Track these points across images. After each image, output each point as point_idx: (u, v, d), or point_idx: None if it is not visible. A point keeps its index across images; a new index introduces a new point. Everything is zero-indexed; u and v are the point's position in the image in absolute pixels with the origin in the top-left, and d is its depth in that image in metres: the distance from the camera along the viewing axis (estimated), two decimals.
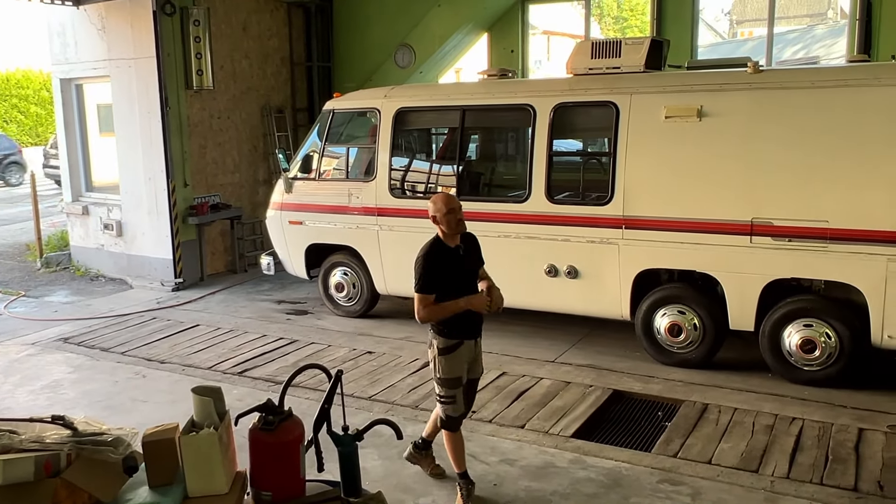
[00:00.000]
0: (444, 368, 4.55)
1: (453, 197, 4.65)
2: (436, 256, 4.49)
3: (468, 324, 4.59)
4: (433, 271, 4.46)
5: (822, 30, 12.50)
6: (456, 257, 4.55)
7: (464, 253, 4.61)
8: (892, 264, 5.99)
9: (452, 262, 4.53)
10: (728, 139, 6.58)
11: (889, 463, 5.08)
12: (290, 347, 7.85)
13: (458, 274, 4.56)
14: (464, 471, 4.72)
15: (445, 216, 4.48)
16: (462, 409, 4.66)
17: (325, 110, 8.91)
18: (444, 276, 4.48)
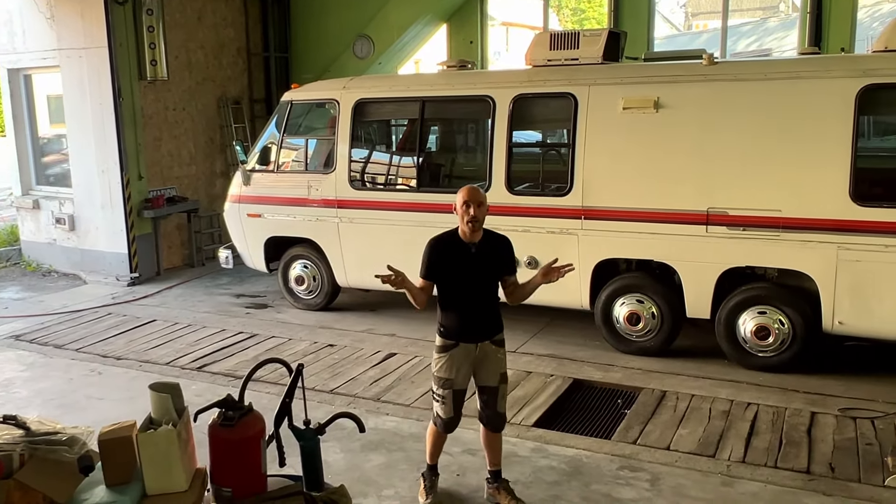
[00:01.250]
0: (436, 366, 4.39)
1: (478, 191, 4.35)
2: (439, 246, 4.31)
3: (469, 326, 4.33)
4: (431, 259, 4.30)
5: (775, 23, 12.75)
6: (465, 254, 4.27)
7: (477, 252, 4.28)
8: (842, 252, 6.15)
9: (459, 258, 4.27)
10: (684, 130, 6.67)
11: (840, 445, 5.23)
12: (250, 342, 7.77)
13: (464, 272, 4.29)
14: (434, 464, 4.64)
15: (460, 208, 4.25)
16: (451, 414, 4.40)
17: (282, 101, 8.81)
18: (445, 270, 4.27)
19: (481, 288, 4.35)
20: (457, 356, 4.33)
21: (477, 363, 4.38)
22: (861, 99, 6.06)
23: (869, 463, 4.95)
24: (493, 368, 4.41)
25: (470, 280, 4.31)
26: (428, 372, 6.73)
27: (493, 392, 4.43)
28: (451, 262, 4.28)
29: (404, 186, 8.40)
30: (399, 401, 6.18)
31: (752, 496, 4.60)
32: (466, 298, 4.33)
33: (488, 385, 4.43)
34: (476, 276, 4.31)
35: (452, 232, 4.35)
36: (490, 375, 4.42)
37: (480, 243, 4.31)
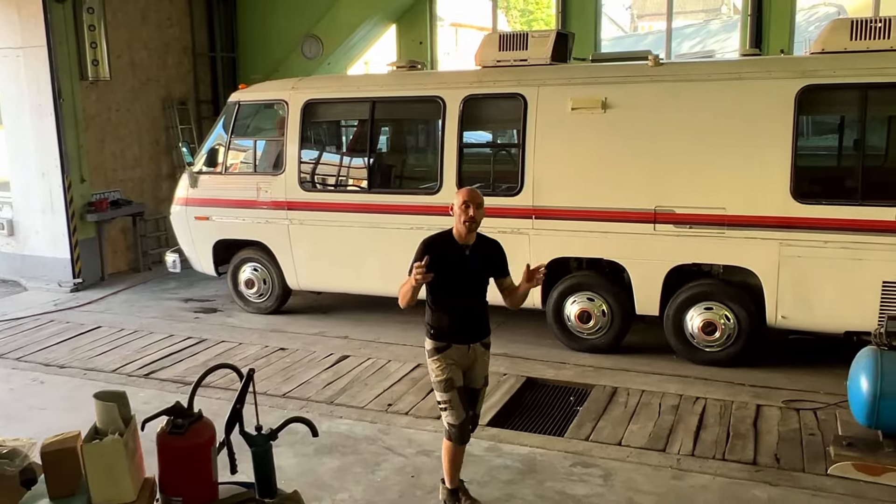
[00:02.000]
0: (434, 371, 4.29)
1: (477, 193, 4.28)
2: (432, 246, 4.22)
3: (460, 328, 4.28)
4: (422, 259, 4.17)
5: (717, 25, 13.05)
6: (459, 256, 4.22)
7: (471, 255, 4.24)
8: (784, 248, 6.33)
9: (451, 260, 4.20)
10: (631, 130, 6.78)
11: (784, 436, 5.37)
12: (199, 347, 7.63)
13: (456, 274, 4.23)
14: (455, 488, 4.44)
15: (459, 208, 4.19)
16: (462, 416, 4.27)
17: (230, 102, 8.68)
18: (438, 271, 4.11)
19: (474, 290, 4.31)
20: (451, 356, 4.27)
21: (469, 365, 4.33)
22: (800, 99, 6.25)
23: (812, 453, 5.10)
24: (480, 371, 4.39)
25: (463, 282, 4.27)
26: (381, 374, 6.74)
27: (476, 394, 4.41)
28: (444, 262, 4.18)
29: (355, 187, 8.35)
30: (353, 403, 6.14)
31: (701, 488, 4.70)
32: (459, 300, 4.28)
33: (473, 388, 4.39)
34: (469, 278, 4.29)
35: (447, 233, 4.30)
36: (477, 378, 4.39)
37: (474, 246, 4.28)
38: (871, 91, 6.18)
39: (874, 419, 4.92)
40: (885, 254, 6.04)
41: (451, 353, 4.26)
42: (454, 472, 4.42)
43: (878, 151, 7.12)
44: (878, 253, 6.07)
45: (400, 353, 7.28)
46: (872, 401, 4.86)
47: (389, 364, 6.99)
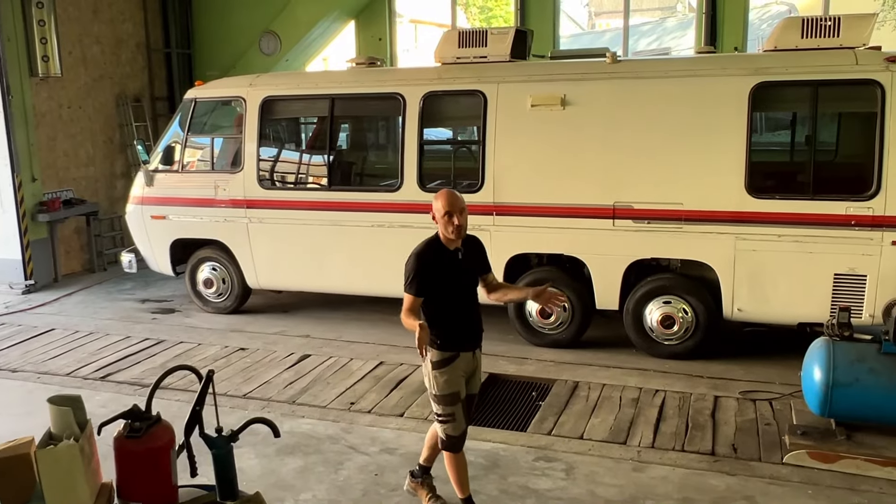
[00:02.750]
0: (440, 384, 4.06)
1: (457, 196, 4.04)
2: (429, 258, 4.01)
3: (466, 334, 4.14)
4: (423, 273, 3.98)
5: (673, 22, 13.23)
6: (453, 262, 4.06)
7: (463, 257, 4.10)
8: (739, 242, 6.45)
9: (448, 267, 4.05)
10: (590, 127, 6.84)
11: (741, 427, 5.48)
12: (157, 348, 7.51)
13: (455, 280, 4.09)
14: (467, 496, 4.27)
15: (442, 218, 3.97)
16: (463, 427, 4.14)
17: (186, 99, 8.55)
18: (437, 281, 3.99)
19: (471, 293, 4.19)
20: (459, 367, 4.10)
21: (471, 372, 4.19)
22: (754, 96, 6.37)
23: (769, 442, 5.21)
24: (479, 375, 4.31)
25: (460, 287, 4.14)
26: (344, 372, 6.71)
27: (473, 399, 4.30)
28: (441, 272, 4.02)
29: (315, 185, 8.29)
30: (315, 402, 6.10)
31: (661, 480, 4.77)
32: (460, 306, 4.12)
33: (473, 393, 4.27)
34: (465, 281, 4.16)
35: (433, 241, 4.08)
36: (477, 383, 4.30)
37: (463, 248, 4.12)
38: (821, 88, 6.32)
39: (827, 408, 5.04)
40: (837, 247, 6.20)
41: (459, 364, 4.09)
42: (465, 480, 4.26)
43: (828, 147, 7.31)
44: (829, 246, 6.22)
45: (362, 351, 7.25)
46: (825, 390, 4.98)
47: (352, 362, 6.96)
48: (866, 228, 6.10)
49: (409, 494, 4.58)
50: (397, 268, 7.87)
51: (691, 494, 4.58)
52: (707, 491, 4.62)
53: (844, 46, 6.36)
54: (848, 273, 6.21)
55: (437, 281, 4.01)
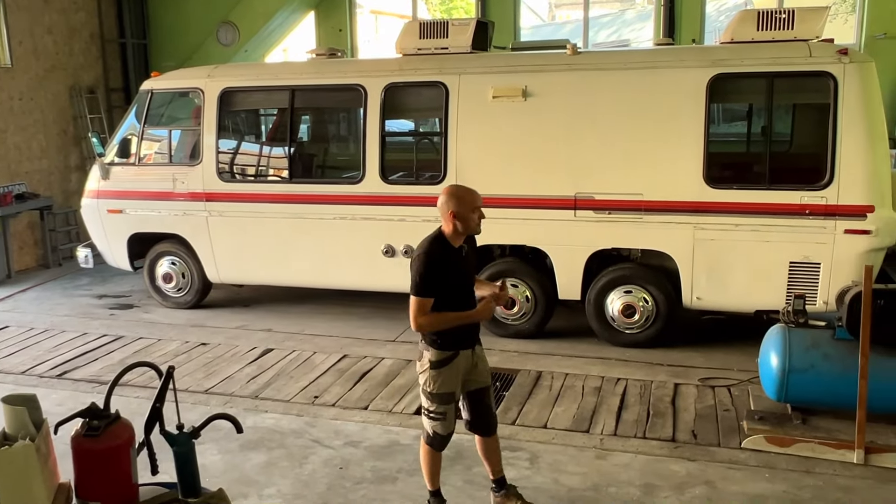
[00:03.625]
0: (436, 383, 4.00)
1: (476, 192, 3.99)
2: (439, 256, 3.89)
3: (465, 332, 4.03)
4: (435, 273, 3.86)
5: (632, 14, 13.34)
6: (459, 258, 3.98)
7: (466, 254, 4.04)
8: (698, 232, 6.55)
9: (455, 264, 3.96)
10: (551, 118, 6.87)
11: (701, 413, 5.58)
12: (116, 344, 7.38)
13: (459, 278, 4.01)
14: (437, 489, 4.26)
15: (471, 213, 3.88)
16: (451, 428, 4.11)
17: (142, 91, 8.39)
18: (444, 280, 3.89)
19: (469, 290, 4.11)
20: (459, 366, 4.04)
21: (471, 367, 4.11)
22: (711, 87, 6.46)
23: (727, 428, 5.32)
24: (484, 368, 4.19)
25: (464, 283, 4.07)
26: (307, 366, 6.67)
27: (487, 392, 4.20)
28: (448, 270, 3.93)
29: (276, 178, 8.21)
30: (278, 397, 6.05)
31: (623, 467, 4.84)
32: (462, 304, 4.02)
33: (484, 385, 4.17)
34: (468, 277, 4.10)
35: (439, 238, 3.97)
36: (484, 375, 4.18)
37: (466, 244, 4.08)
38: (776, 80, 6.44)
39: (783, 393, 5.17)
40: (792, 235, 6.33)
41: (458, 363, 4.02)
42: (436, 474, 4.26)
43: (783, 138, 7.46)
44: (784, 235, 6.35)
45: (325, 345, 7.21)
46: (781, 376, 5.10)
47: (315, 356, 6.92)
48: (820, 217, 6.24)
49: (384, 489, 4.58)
50: (360, 260, 7.88)
51: (653, 480, 4.65)
52: (668, 477, 4.70)
53: (798, 39, 6.49)
54: (802, 261, 6.35)
55: (444, 280, 3.90)
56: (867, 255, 6.14)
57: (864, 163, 6.15)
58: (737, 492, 4.50)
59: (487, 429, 4.26)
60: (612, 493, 4.53)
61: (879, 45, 9.92)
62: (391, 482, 4.70)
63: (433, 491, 4.28)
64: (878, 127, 6.22)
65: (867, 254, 6.15)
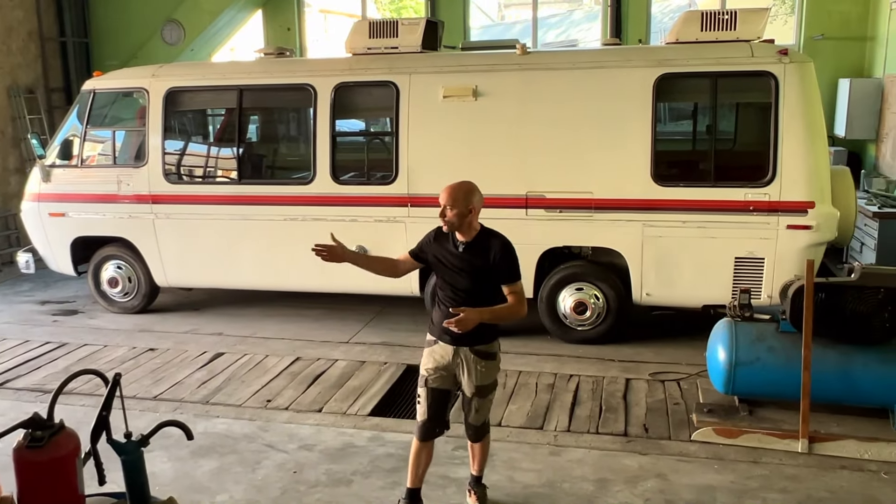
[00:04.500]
0: (422, 361, 4.17)
1: (451, 192, 4.07)
2: (432, 235, 4.19)
3: (441, 324, 3.99)
4: (424, 240, 4.20)
5: (580, 14, 13.49)
6: (449, 250, 4.06)
7: (464, 251, 4.02)
8: (646, 229, 6.66)
9: (445, 253, 4.07)
10: (502, 117, 6.91)
11: (652, 407, 5.68)
12: (60, 352, 7.17)
13: (447, 269, 4.06)
14: (414, 487, 4.25)
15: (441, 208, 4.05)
16: (424, 416, 4.12)
17: (84, 91, 8.17)
18: (432, 260, 4.11)
19: (463, 289, 4.03)
20: (436, 353, 4.10)
21: (455, 369, 4.10)
22: (658, 87, 6.58)
23: (677, 421, 5.42)
24: (471, 379, 4.10)
25: (451, 278, 4.06)
26: (259, 369, 6.60)
27: (468, 403, 4.18)
28: (438, 253, 4.10)
29: (225, 179, 8.07)
30: (230, 402, 5.96)
31: (577, 462, 4.89)
32: (448, 297, 4.06)
33: (465, 395, 4.18)
34: (458, 275, 4.04)
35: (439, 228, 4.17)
36: (468, 386, 4.12)
37: (471, 243, 4.05)
38: (720, 79, 6.58)
39: (731, 386, 5.29)
40: (737, 231, 6.48)
41: (437, 351, 4.10)
42: (414, 471, 4.23)
43: (728, 136, 7.63)
44: (730, 231, 6.50)
45: (277, 348, 7.13)
46: (728, 369, 5.22)
47: (267, 359, 6.84)
48: (764, 213, 6.41)
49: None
50: (312, 261, 7.81)
51: (606, 475, 4.72)
52: (621, 471, 4.77)
53: (741, 39, 6.65)
54: (747, 256, 6.51)
55: (432, 260, 4.13)
56: (809, 249, 6.32)
57: (804, 160, 6.33)
58: (687, 484, 4.59)
59: (467, 433, 4.32)
60: (567, 488, 4.58)
61: (818, 46, 10.24)
62: (346, 485, 4.67)
63: (410, 489, 4.26)
64: (817, 125, 6.41)
65: (809, 248, 6.33)
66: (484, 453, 4.39)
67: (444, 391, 4.14)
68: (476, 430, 4.28)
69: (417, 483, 4.27)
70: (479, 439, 4.32)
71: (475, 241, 4.06)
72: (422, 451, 4.22)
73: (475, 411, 4.19)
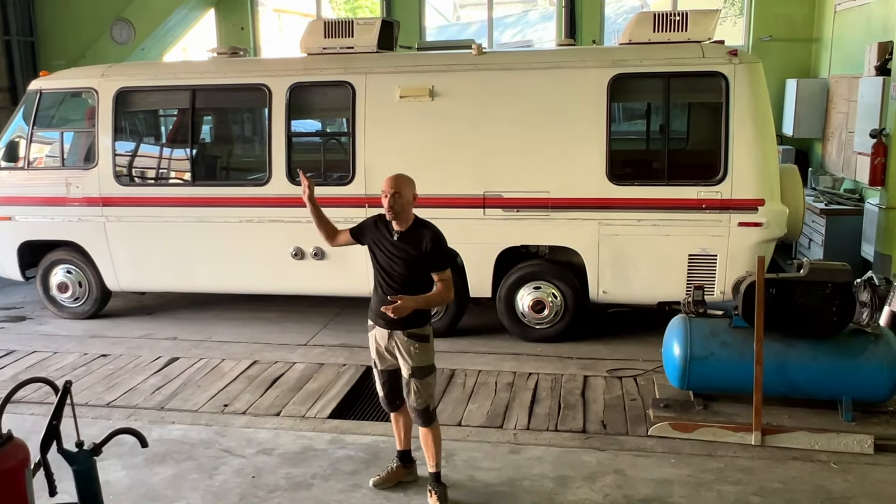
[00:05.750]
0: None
1: (397, 179, 4.24)
2: (374, 219, 4.39)
3: (376, 308, 4.37)
4: (363, 223, 4.46)
5: (535, 15, 13.59)
6: (386, 238, 4.30)
7: (398, 240, 4.24)
8: (602, 227, 6.74)
9: (381, 240, 4.32)
10: (459, 118, 6.92)
11: (609, 403, 5.75)
12: (7, 359, 6.97)
13: (382, 255, 4.30)
14: (400, 449, 4.67)
15: (382, 196, 4.23)
16: (381, 394, 4.57)
17: (30, 91, 7.96)
18: (369, 244, 4.38)
19: (396, 276, 4.27)
20: (375, 337, 4.43)
21: (393, 350, 4.37)
22: (612, 87, 6.66)
23: (634, 416, 5.50)
24: (405, 361, 4.34)
25: (387, 264, 4.30)
26: (215, 374, 6.52)
27: (407, 384, 4.37)
28: (374, 239, 4.35)
29: (178, 180, 7.93)
30: (185, 407, 5.86)
31: (537, 460, 4.93)
32: (381, 282, 4.34)
33: (403, 376, 4.40)
34: (391, 262, 4.28)
35: (383, 214, 4.34)
36: (404, 367, 4.37)
37: (406, 232, 4.26)
38: (672, 79, 6.69)
39: (686, 381, 5.38)
40: (690, 229, 6.60)
41: (374, 334, 4.45)
42: (398, 435, 4.67)
43: (680, 136, 7.76)
44: (683, 228, 6.61)
45: (234, 351, 7.04)
46: (684, 364, 5.31)
47: (223, 363, 6.74)
48: (716, 211, 6.53)
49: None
50: (269, 263, 7.74)
51: (565, 472, 4.76)
52: (580, 467, 4.81)
53: (692, 40, 6.76)
54: (700, 253, 6.63)
55: (368, 244, 4.39)
56: (760, 246, 6.46)
57: (754, 159, 6.47)
58: (645, 478, 4.66)
59: (414, 416, 4.46)
60: (527, 486, 4.61)
61: (766, 47, 10.50)
62: (306, 488, 4.63)
63: (399, 451, 4.69)
64: (766, 124, 6.56)
65: (759, 245, 6.48)
66: (436, 444, 4.46)
67: (392, 371, 4.47)
68: (420, 414, 4.41)
69: (405, 445, 4.68)
70: (425, 423, 4.42)
71: (409, 231, 4.27)
72: (398, 419, 4.62)
73: (414, 393, 4.36)
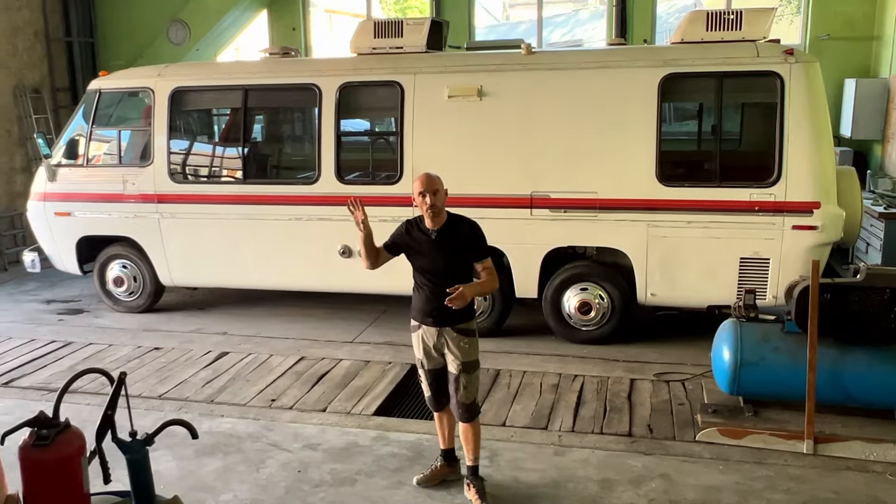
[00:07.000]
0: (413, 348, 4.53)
1: (432, 179, 4.33)
2: (407, 226, 4.42)
3: (427, 310, 4.36)
4: (395, 233, 4.46)
5: (586, 14, 13.47)
6: (422, 239, 4.34)
7: (437, 238, 4.30)
8: (651, 229, 6.65)
9: (420, 243, 4.34)
10: (507, 117, 6.91)
11: (656, 407, 5.67)
12: (65, 350, 7.19)
13: (424, 257, 4.34)
14: (443, 448, 4.67)
15: (417, 196, 4.29)
16: (428, 393, 4.56)
17: (90, 90, 8.20)
18: (407, 251, 4.40)
19: (440, 273, 4.30)
20: (421, 337, 4.42)
21: (442, 348, 4.38)
22: (663, 87, 6.56)
23: (682, 421, 5.41)
24: (455, 356, 4.35)
25: (429, 265, 4.34)
26: (263, 369, 6.62)
27: (455, 380, 4.37)
28: (412, 244, 4.38)
29: (230, 179, 8.08)
30: (234, 401, 5.97)
31: (581, 462, 4.89)
32: (426, 283, 4.36)
33: (451, 372, 4.40)
34: (435, 261, 4.32)
35: (416, 218, 4.44)
36: (452, 363, 4.37)
37: (442, 229, 4.32)
38: (725, 79, 6.56)
39: (735, 386, 5.28)
40: (742, 232, 6.47)
41: (420, 334, 4.43)
42: (442, 434, 4.67)
43: (733, 136, 7.62)
44: (735, 231, 6.48)
45: (281, 348, 7.14)
46: (734, 369, 5.21)
47: (271, 359, 6.85)
48: (769, 214, 6.39)
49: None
50: (317, 261, 7.83)
51: (610, 475, 4.71)
52: (625, 471, 4.76)
53: (746, 39, 6.63)
54: (752, 257, 6.49)
55: (407, 250, 4.40)
56: (814, 250, 6.30)
57: (810, 160, 6.32)
58: (692, 484, 4.58)
59: (455, 413, 4.47)
60: (571, 489, 4.57)
61: (823, 46, 10.21)
62: (350, 484, 4.67)
63: (443, 450, 4.70)
64: (822, 125, 6.39)
65: (814, 249, 6.31)
66: (476, 438, 4.49)
67: (439, 370, 4.46)
68: (466, 409, 4.41)
69: (449, 444, 4.68)
70: (470, 419, 4.44)
71: (446, 227, 4.34)
72: (441, 419, 4.63)
73: (463, 388, 4.37)
